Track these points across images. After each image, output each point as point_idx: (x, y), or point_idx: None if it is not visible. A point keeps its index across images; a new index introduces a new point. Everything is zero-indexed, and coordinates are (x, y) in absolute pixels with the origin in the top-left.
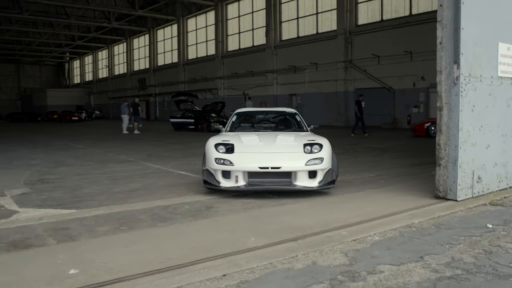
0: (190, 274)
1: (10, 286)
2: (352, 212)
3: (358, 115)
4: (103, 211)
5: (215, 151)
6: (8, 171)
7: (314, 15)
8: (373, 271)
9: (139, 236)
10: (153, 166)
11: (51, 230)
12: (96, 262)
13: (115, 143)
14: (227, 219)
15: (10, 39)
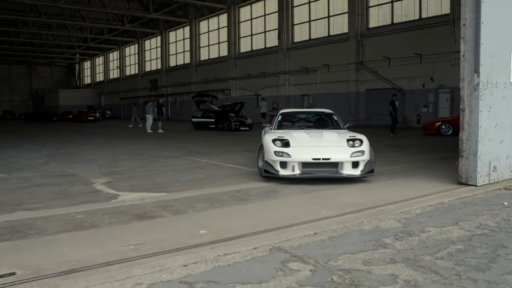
0: (290, 232)
1: (164, 241)
2: (392, 193)
3: (393, 115)
4: (189, 194)
5: (273, 145)
6: (76, 165)
7: (325, 18)
8: (422, 230)
9: (233, 210)
10: (201, 160)
11: (159, 207)
12: (215, 226)
13: (150, 141)
14: (295, 198)
15: (24, 41)
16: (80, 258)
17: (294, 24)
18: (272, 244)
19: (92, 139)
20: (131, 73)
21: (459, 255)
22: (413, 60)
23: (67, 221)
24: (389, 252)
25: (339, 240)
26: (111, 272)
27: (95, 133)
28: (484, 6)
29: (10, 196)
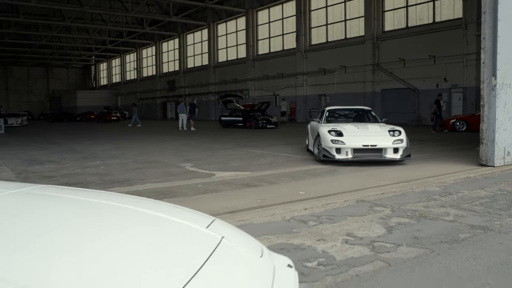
0: (364, 193)
1: (277, 198)
2: (428, 171)
3: (438, 113)
4: (269, 172)
5: (329, 135)
6: (150, 155)
7: (342, 22)
8: (458, 192)
9: (314, 181)
10: (255, 151)
11: (255, 180)
12: (308, 190)
13: (192, 137)
14: (354, 174)
15: (44, 44)
16: (230, 206)
17: (311, 27)
18: (356, 199)
19: (135, 135)
20: (148, 75)
21: (488, 203)
22: (427, 61)
23: (194, 188)
24: (438, 202)
25: (401, 197)
26: (258, 212)
27: (129, 131)
28: (500, 24)
29: (128, 175)
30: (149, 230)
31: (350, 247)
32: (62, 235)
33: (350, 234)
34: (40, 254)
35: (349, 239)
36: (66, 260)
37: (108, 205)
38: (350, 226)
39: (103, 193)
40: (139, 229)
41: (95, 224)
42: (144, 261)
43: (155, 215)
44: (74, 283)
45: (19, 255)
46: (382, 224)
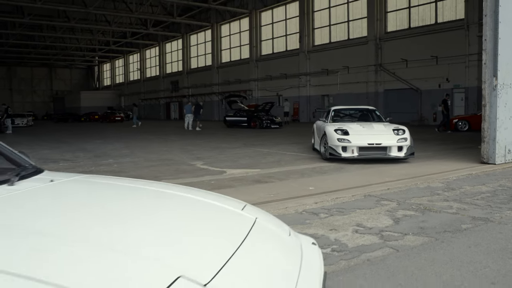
0: (370, 188)
1: (289, 193)
2: (432, 168)
3: (445, 113)
4: (278, 170)
5: (336, 134)
6: (160, 154)
7: (345, 23)
8: (460, 187)
9: (322, 178)
10: (262, 150)
11: (265, 177)
12: (317, 185)
13: (199, 137)
14: (360, 172)
15: (48, 44)
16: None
17: (314, 28)
18: (363, 194)
19: (142, 135)
20: (151, 75)
21: (489, 198)
22: (429, 62)
23: (208, 184)
24: (441, 197)
25: (406, 192)
26: (272, 205)
27: (135, 131)
28: (501, 26)
29: (142, 172)
30: (197, 211)
31: (361, 236)
32: (134, 211)
33: (360, 224)
34: (115, 220)
35: (359, 229)
36: (143, 225)
37: (157, 191)
38: (359, 218)
39: (150, 182)
40: (189, 210)
41: (151, 204)
42: (197, 235)
43: (199, 200)
44: (152, 243)
45: (98, 221)
46: (389, 216)
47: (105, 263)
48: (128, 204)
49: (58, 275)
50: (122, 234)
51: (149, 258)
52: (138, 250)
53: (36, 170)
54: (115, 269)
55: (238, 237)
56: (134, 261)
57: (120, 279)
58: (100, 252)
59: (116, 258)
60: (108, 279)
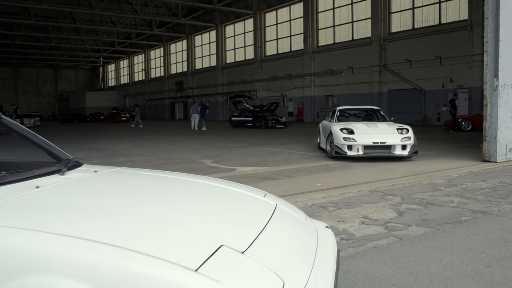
0: (375, 184)
1: (298, 189)
2: (435, 166)
3: (453, 112)
4: (286, 167)
5: (341, 133)
6: (169, 153)
7: (349, 24)
8: (462, 183)
9: (329, 175)
10: (269, 149)
11: (274, 174)
12: (325, 182)
13: (205, 136)
14: (365, 169)
15: (53, 45)
16: None
17: (319, 29)
18: (369, 189)
19: (149, 135)
20: (156, 76)
21: (488, 193)
22: (433, 62)
23: None
24: (443, 192)
25: (409, 188)
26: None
27: (142, 131)
28: (502, 28)
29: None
30: (228, 197)
31: (367, 227)
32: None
33: (366, 217)
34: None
35: (365, 220)
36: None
37: (189, 180)
38: (365, 211)
39: (178, 173)
40: (221, 196)
41: (188, 191)
42: (231, 216)
43: (228, 188)
44: (197, 221)
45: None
46: (393, 209)
47: (166, 235)
48: (168, 191)
49: (133, 243)
50: (172, 214)
51: (197, 232)
52: (188, 225)
53: (77, 163)
54: (175, 239)
55: (264, 218)
56: (187, 233)
57: (181, 246)
58: (158, 226)
59: (174, 231)
60: (171, 245)
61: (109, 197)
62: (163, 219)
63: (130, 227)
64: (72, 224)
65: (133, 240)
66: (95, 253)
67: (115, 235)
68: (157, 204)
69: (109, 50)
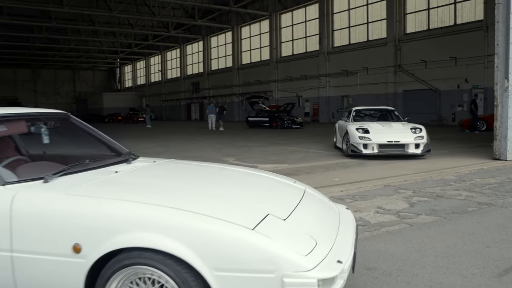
0: (389, 180)
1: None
2: (446, 164)
3: (474, 112)
4: (305, 165)
5: (357, 132)
6: (192, 152)
7: (364, 24)
8: (471, 179)
9: (345, 171)
10: (287, 148)
11: (294, 170)
12: (342, 177)
13: (223, 136)
14: (380, 166)
15: (72, 47)
16: None
17: (334, 30)
18: (383, 184)
19: (168, 135)
20: (172, 77)
21: (495, 188)
22: (448, 62)
23: None
24: (453, 187)
25: (421, 183)
26: None
27: (160, 131)
28: None
29: None
30: (267, 182)
31: (381, 215)
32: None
33: (380, 207)
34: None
35: (380, 210)
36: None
37: (231, 169)
38: (379, 202)
39: (217, 163)
40: (261, 181)
41: (231, 177)
42: (271, 195)
43: (263, 175)
44: (247, 198)
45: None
46: (405, 201)
47: (225, 206)
48: (217, 176)
49: (204, 210)
50: (225, 192)
51: (248, 205)
52: (240, 200)
53: (135, 155)
54: (234, 209)
55: (297, 198)
56: (241, 205)
57: (240, 213)
58: (218, 200)
59: (231, 203)
60: (232, 212)
61: (172, 179)
62: (220, 195)
63: (197, 200)
64: (151, 197)
65: (203, 208)
66: (177, 215)
67: (188, 204)
68: (211, 185)
69: (126, 52)
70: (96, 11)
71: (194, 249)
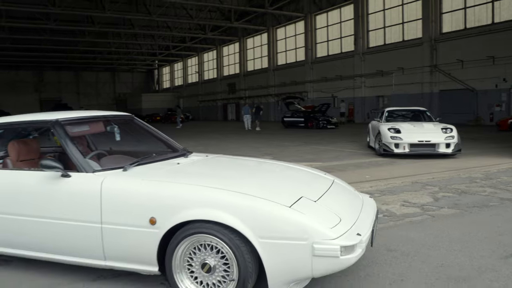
0: (417, 177)
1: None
2: (476, 163)
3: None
4: (338, 163)
5: (389, 132)
6: (235, 150)
7: (400, 25)
8: (498, 178)
9: (376, 169)
10: (321, 147)
11: (327, 168)
12: (373, 175)
13: (259, 136)
14: (410, 165)
15: (112, 50)
16: None
17: (369, 30)
18: (411, 181)
19: (205, 135)
20: (209, 78)
21: None
22: (485, 62)
23: None
24: (479, 184)
25: (448, 180)
26: None
27: (198, 131)
28: None
29: None
30: (298, 174)
31: (406, 208)
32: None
33: (406, 201)
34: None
35: (405, 203)
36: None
37: (272, 162)
38: (406, 197)
39: (259, 158)
40: (295, 172)
41: (273, 168)
42: (304, 182)
43: (298, 168)
44: (285, 184)
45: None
46: (431, 196)
47: (269, 189)
48: (261, 167)
49: (252, 192)
50: (268, 181)
51: (286, 190)
52: (280, 186)
53: (189, 151)
54: (276, 191)
55: (326, 186)
56: (281, 190)
57: (280, 195)
58: (263, 185)
59: (274, 188)
60: (274, 194)
61: (223, 169)
62: (264, 182)
63: (246, 185)
64: (209, 182)
65: (251, 190)
66: (231, 195)
67: (239, 188)
68: (256, 174)
69: (164, 53)
70: (136, 15)
71: (244, 221)
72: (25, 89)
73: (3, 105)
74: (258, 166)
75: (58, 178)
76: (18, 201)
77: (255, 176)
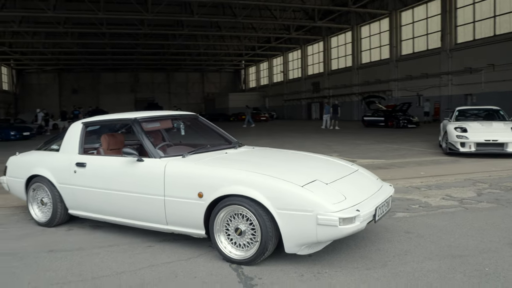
0: (474, 175)
1: (404, 175)
2: None
3: None
4: (400, 160)
5: (455, 131)
6: (309, 147)
7: (491, 18)
8: None
9: (435, 167)
10: (393, 146)
11: (387, 165)
12: (428, 171)
13: (336, 135)
14: (473, 163)
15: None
16: None
17: (457, 26)
18: (464, 178)
19: (286, 133)
20: (294, 77)
21: None
22: None
23: None
24: None
25: (504, 179)
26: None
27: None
28: None
29: None
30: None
31: (445, 201)
32: (291, 159)
33: (448, 195)
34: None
35: (446, 197)
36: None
37: (305, 154)
38: (450, 191)
39: (299, 151)
40: (320, 162)
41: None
42: (326, 169)
43: (326, 159)
44: (307, 170)
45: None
46: (475, 191)
47: (292, 174)
48: (296, 157)
49: (273, 173)
50: (297, 167)
51: (307, 174)
52: (303, 171)
53: (241, 143)
54: (296, 175)
55: (345, 173)
56: (302, 174)
57: (298, 177)
58: (290, 169)
59: (297, 173)
60: (293, 176)
61: (261, 158)
62: (289, 168)
63: (273, 169)
64: (245, 167)
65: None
66: (259, 176)
67: (267, 171)
68: (287, 162)
69: (250, 54)
70: (222, 17)
71: (267, 196)
72: (122, 90)
73: (105, 104)
74: (291, 156)
75: (134, 162)
76: (106, 178)
77: (285, 163)
